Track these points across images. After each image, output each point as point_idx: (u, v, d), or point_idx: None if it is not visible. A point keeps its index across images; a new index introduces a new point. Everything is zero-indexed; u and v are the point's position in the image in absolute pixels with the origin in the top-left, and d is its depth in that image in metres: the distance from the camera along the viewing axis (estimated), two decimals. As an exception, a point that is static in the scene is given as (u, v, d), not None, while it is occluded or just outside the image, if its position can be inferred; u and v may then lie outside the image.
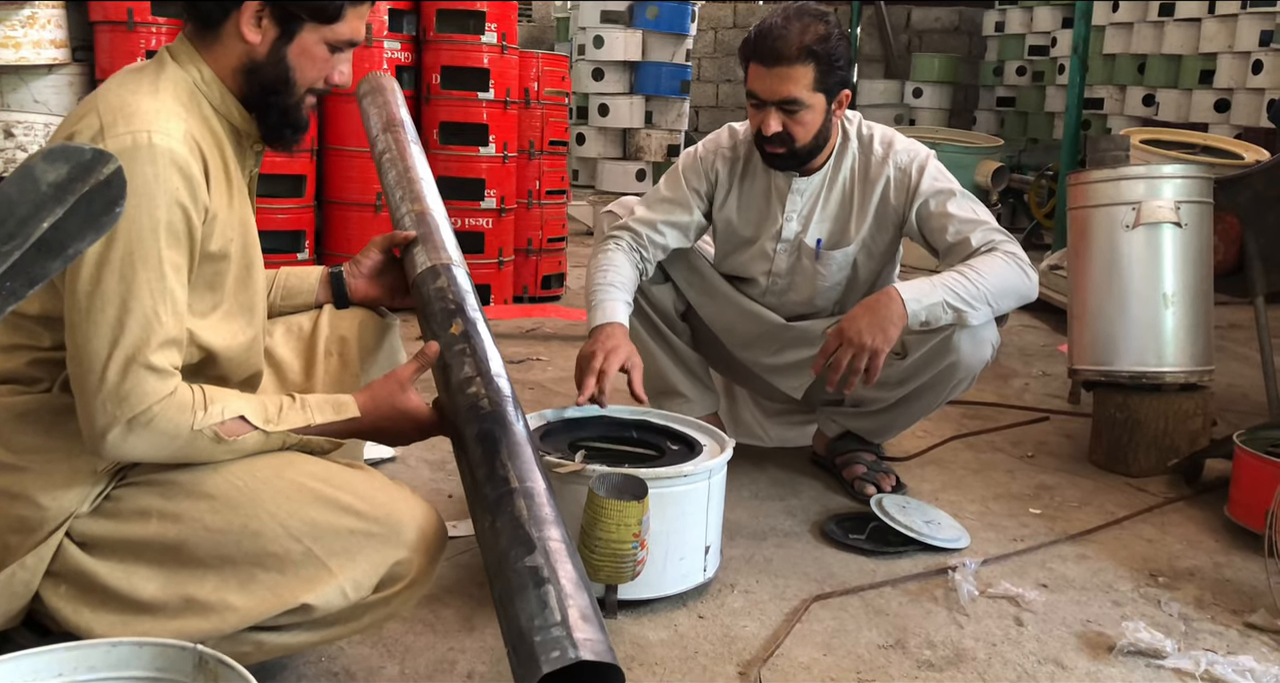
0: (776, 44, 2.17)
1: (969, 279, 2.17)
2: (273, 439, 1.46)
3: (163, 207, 1.33)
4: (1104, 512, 2.44)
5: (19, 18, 3.55)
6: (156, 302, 1.34)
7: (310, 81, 1.50)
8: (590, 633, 1.26)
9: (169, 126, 1.36)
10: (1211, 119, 6.50)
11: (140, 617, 1.40)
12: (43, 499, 1.40)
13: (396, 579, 1.44)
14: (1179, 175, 2.71)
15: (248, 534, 1.40)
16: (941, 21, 10.39)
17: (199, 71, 1.46)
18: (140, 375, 1.33)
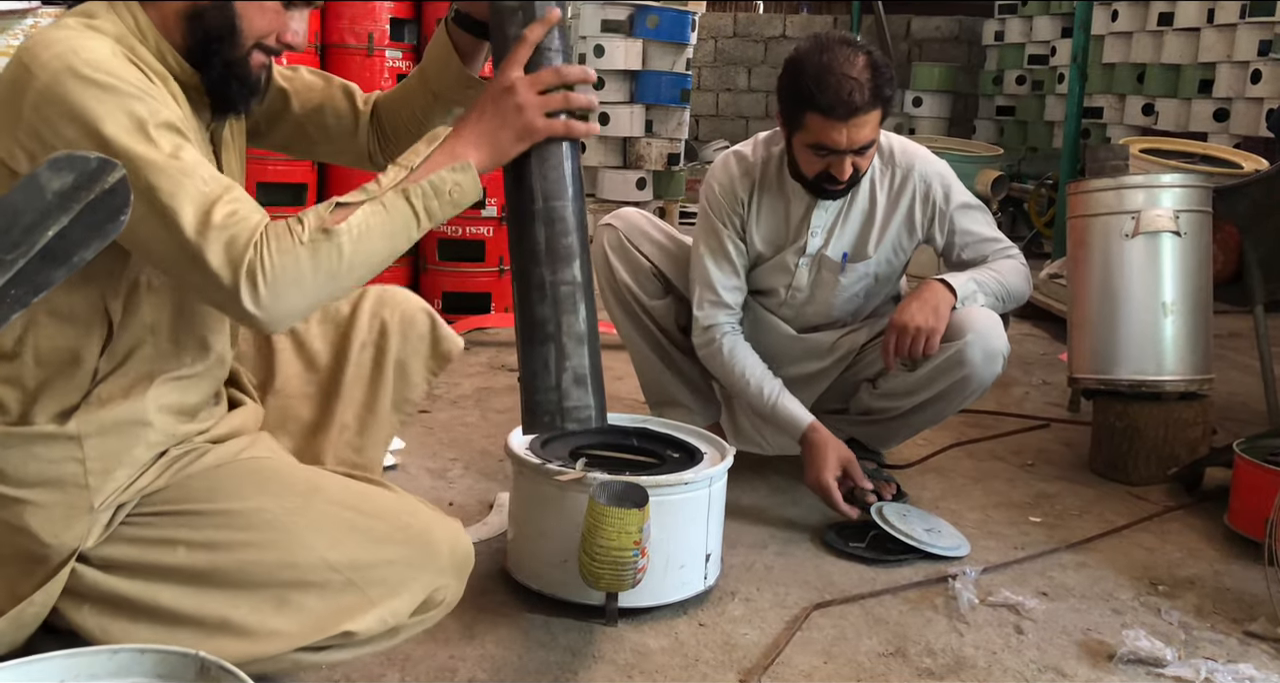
0: (852, 96, 2.10)
1: (991, 277, 2.35)
2: (389, 203, 1.32)
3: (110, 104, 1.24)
4: (1104, 520, 2.44)
5: (21, 26, 3.56)
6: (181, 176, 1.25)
7: (259, 34, 1.38)
8: (578, 399, 1.40)
9: (94, 44, 1.27)
10: (1211, 128, 6.51)
11: (176, 630, 1.38)
12: (44, 536, 1.37)
13: (434, 604, 1.47)
14: (1178, 184, 2.72)
15: (284, 565, 1.40)
16: (941, 31, 10.42)
17: (133, 19, 1.36)
18: (217, 233, 1.24)
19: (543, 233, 1.40)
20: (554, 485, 1.86)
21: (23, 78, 1.26)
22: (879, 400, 2.42)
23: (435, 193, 1.34)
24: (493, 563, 2.06)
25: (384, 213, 1.32)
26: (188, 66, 1.39)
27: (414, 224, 1.34)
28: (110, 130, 1.23)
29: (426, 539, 1.46)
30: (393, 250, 1.35)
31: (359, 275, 1.33)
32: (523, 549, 1.95)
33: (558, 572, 1.87)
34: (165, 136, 1.27)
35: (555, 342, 1.40)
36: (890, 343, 2.27)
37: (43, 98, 1.24)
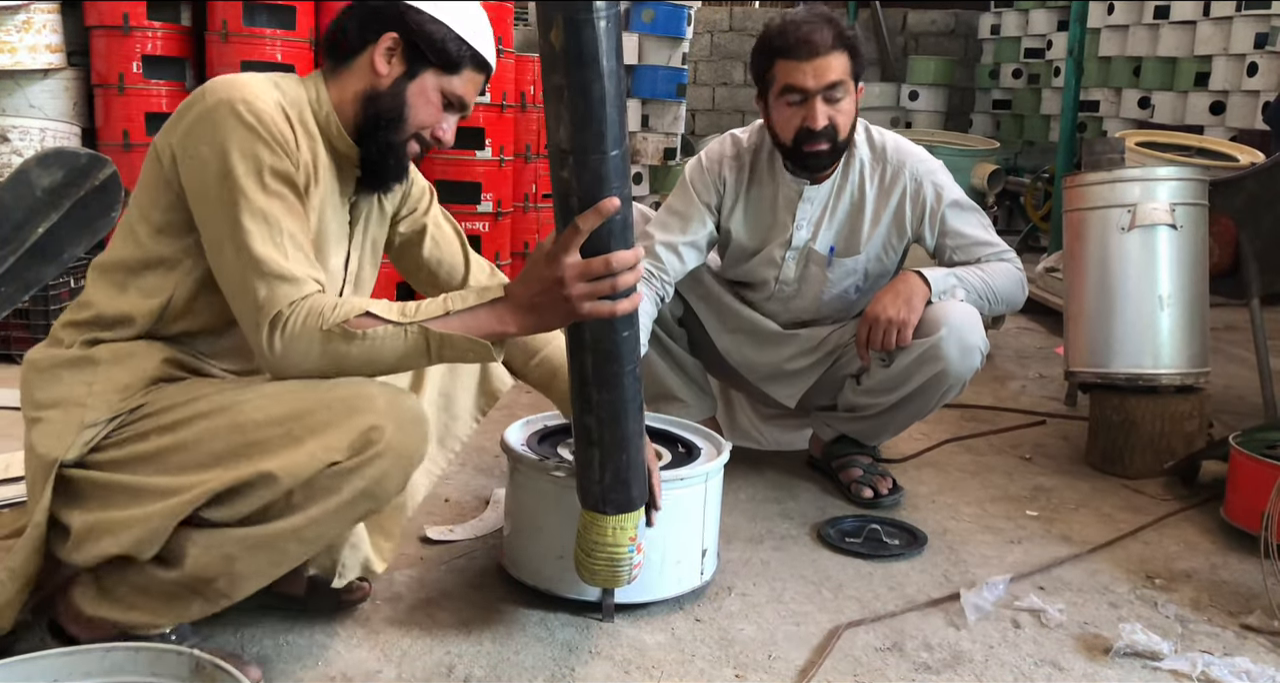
0: (812, 36, 2.19)
1: (976, 275, 2.34)
2: (410, 334, 1.46)
3: (246, 144, 1.45)
4: (1100, 514, 2.44)
5: (14, 22, 3.54)
6: (267, 225, 1.45)
7: (420, 124, 1.61)
8: (616, 492, 1.66)
9: (265, 95, 1.49)
10: (1207, 121, 6.50)
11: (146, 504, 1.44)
12: (39, 449, 1.50)
13: (370, 443, 1.42)
14: (1174, 178, 2.72)
15: (234, 428, 1.44)
16: (937, 24, 10.40)
17: (316, 93, 1.59)
18: (272, 285, 1.43)
19: (590, 360, 1.55)
20: (550, 482, 1.85)
21: (198, 98, 1.49)
22: (861, 397, 2.42)
23: (452, 347, 1.48)
24: (489, 559, 2.05)
25: (402, 341, 1.46)
26: (350, 141, 1.60)
27: (423, 361, 1.50)
28: (234, 160, 1.45)
29: (362, 391, 1.45)
30: (395, 369, 1.51)
31: (361, 372, 1.48)
32: (519, 545, 1.94)
33: (554, 568, 1.86)
34: (275, 184, 1.47)
35: (600, 447, 1.62)
36: (863, 334, 2.28)
37: (201, 117, 1.47)
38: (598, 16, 1.38)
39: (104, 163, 0.88)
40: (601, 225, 1.44)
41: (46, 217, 0.85)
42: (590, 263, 1.45)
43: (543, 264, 1.46)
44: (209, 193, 1.46)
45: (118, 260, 1.57)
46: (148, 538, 1.43)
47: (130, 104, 3.69)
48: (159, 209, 1.54)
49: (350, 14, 1.61)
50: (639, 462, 1.65)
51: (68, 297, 3.28)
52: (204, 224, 1.49)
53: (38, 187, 0.84)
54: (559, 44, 1.39)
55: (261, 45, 3.70)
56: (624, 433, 1.62)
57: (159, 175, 1.53)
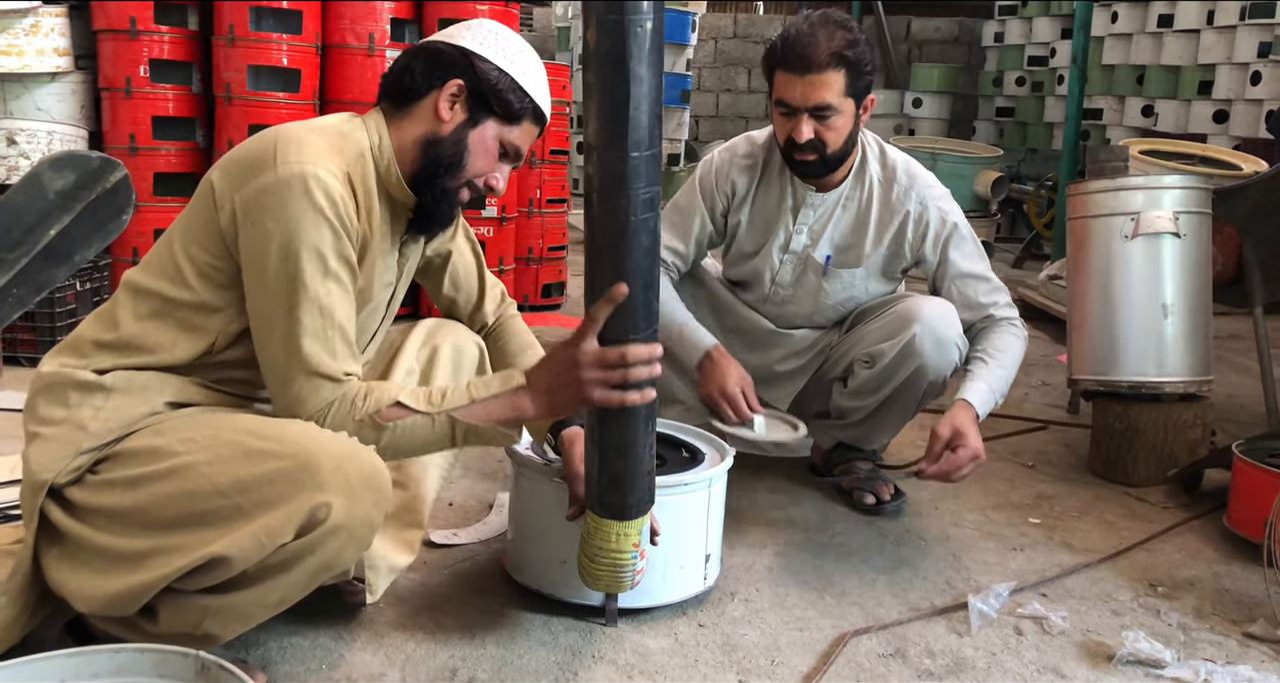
0: (807, 51, 2.17)
1: (1005, 370, 2.31)
2: (438, 423, 1.53)
3: (313, 228, 1.47)
4: (1103, 521, 2.45)
5: (22, 26, 3.56)
6: (321, 318, 1.49)
7: (476, 172, 1.64)
8: (611, 497, 1.64)
9: (331, 165, 1.50)
10: (1210, 130, 6.51)
11: (109, 570, 1.45)
12: (33, 465, 1.51)
13: (317, 523, 1.40)
14: (1177, 186, 2.73)
15: (184, 496, 1.43)
16: (941, 32, 10.42)
17: (379, 138, 1.61)
18: (315, 384, 1.49)
19: (596, 413, 1.60)
20: (554, 486, 1.86)
21: (267, 159, 1.49)
22: (849, 400, 2.43)
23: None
24: (493, 563, 2.06)
25: (429, 429, 1.53)
26: (408, 191, 1.63)
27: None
28: (298, 244, 1.47)
29: (309, 455, 1.41)
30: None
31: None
32: (522, 550, 1.95)
33: (557, 572, 1.87)
34: (336, 266, 1.51)
35: (599, 446, 1.62)
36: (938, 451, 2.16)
37: (270, 188, 1.47)
38: (632, 21, 1.41)
39: (115, 166, 0.89)
40: (621, 316, 1.51)
41: (59, 219, 0.86)
42: (605, 353, 1.52)
43: (561, 348, 1.55)
44: (268, 267, 1.48)
45: (156, 291, 1.57)
46: (116, 606, 1.44)
47: (137, 107, 3.70)
48: (207, 253, 1.54)
49: (417, 57, 1.62)
50: (640, 471, 1.65)
51: (73, 299, 3.29)
52: (255, 294, 1.51)
53: (50, 189, 0.85)
54: (593, 43, 1.44)
55: (268, 49, 3.72)
56: (626, 438, 1.62)
57: (212, 219, 1.53)
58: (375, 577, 1.74)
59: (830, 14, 2.25)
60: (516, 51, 1.64)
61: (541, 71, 1.68)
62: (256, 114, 3.72)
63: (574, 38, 8.61)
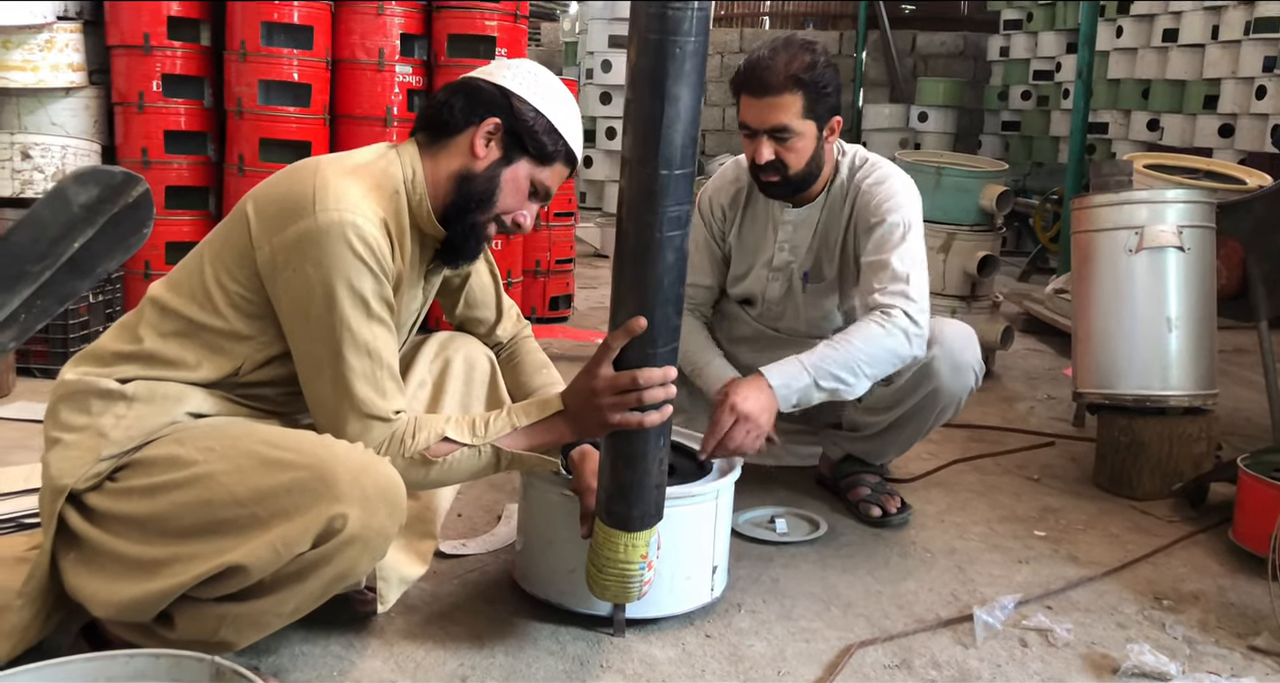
0: (764, 75, 2.20)
1: (837, 350, 2.12)
2: (484, 454, 1.60)
3: (354, 274, 1.51)
4: (1108, 535, 2.45)
5: (38, 41, 3.60)
6: (370, 360, 1.53)
7: (505, 209, 1.67)
8: (615, 505, 1.68)
9: (368, 211, 1.54)
10: (1216, 144, 6.52)
11: (124, 576, 1.47)
12: (53, 470, 1.53)
13: (333, 533, 1.42)
14: (1181, 200, 2.74)
15: (202, 504, 1.45)
16: (947, 46, 10.46)
17: (413, 173, 1.65)
18: (367, 425, 1.54)
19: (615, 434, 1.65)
20: (563, 497, 1.87)
21: (306, 205, 1.52)
22: (863, 415, 2.45)
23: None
24: (501, 573, 2.07)
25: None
26: (438, 226, 1.67)
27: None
28: (341, 290, 1.51)
29: (327, 466, 1.44)
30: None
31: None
32: (531, 560, 1.96)
33: (566, 582, 1.88)
34: (379, 309, 1.55)
35: (609, 453, 1.67)
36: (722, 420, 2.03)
37: (310, 235, 1.51)
38: (672, 41, 1.44)
39: (137, 181, 0.91)
40: (636, 342, 1.56)
41: (82, 232, 0.88)
42: (618, 377, 1.58)
43: (581, 375, 1.61)
44: (311, 312, 1.52)
45: (184, 313, 1.59)
46: (132, 612, 1.47)
47: (149, 122, 3.74)
48: (238, 284, 1.57)
49: (457, 92, 1.66)
50: (648, 484, 1.67)
51: (86, 311, 3.32)
52: (300, 336, 1.54)
53: (75, 203, 0.87)
54: (633, 60, 1.47)
55: (279, 65, 3.76)
56: (635, 450, 1.64)
57: (247, 254, 1.55)
58: (387, 588, 1.76)
59: (794, 37, 2.28)
60: (554, 94, 1.68)
61: (576, 115, 1.71)
62: (267, 128, 3.76)
63: (581, 52, 8.66)
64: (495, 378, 1.93)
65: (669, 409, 1.63)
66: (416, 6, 4.01)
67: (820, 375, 2.10)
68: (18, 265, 0.87)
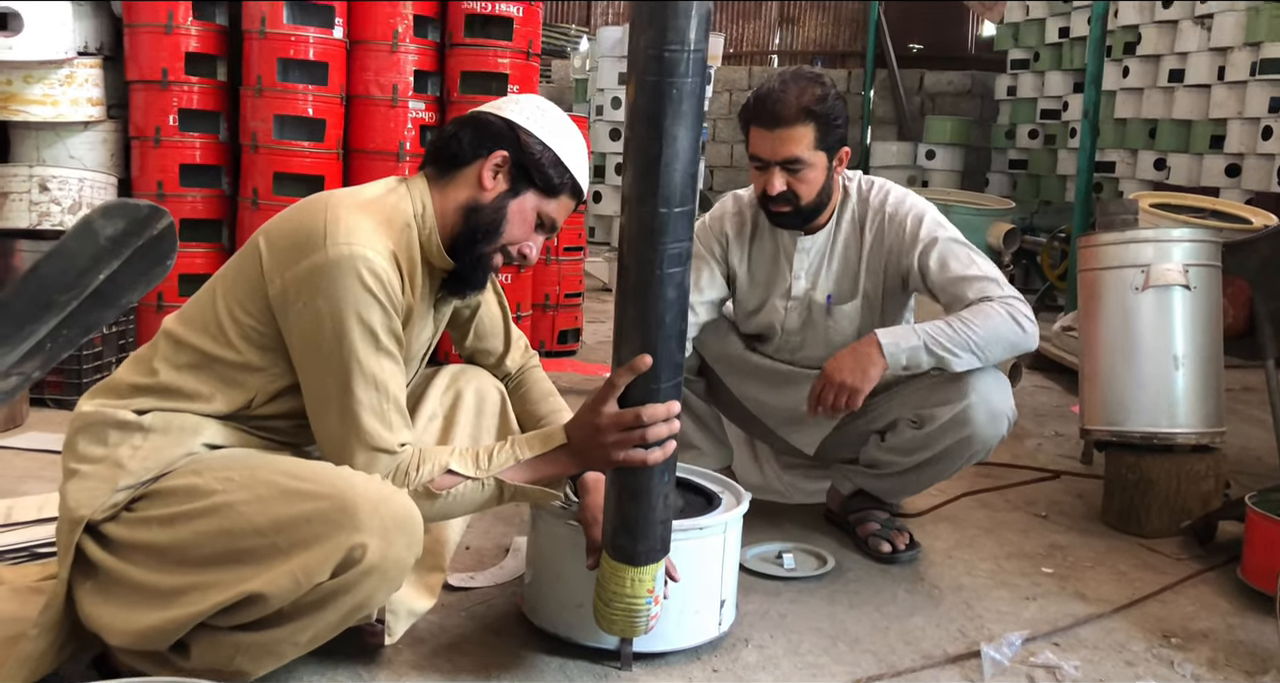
0: (776, 107, 2.24)
1: (953, 327, 2.23)
2: (487, 487, 1.62)
3: (364, 308, 1.53)
4: (1116, 572, 2.45)
5: (58, 76, 3.66)
6: (377, 393, 1.55)
7: (511, 240, 1.70)
8: (621, 540, 1.69)
9: (378, 245, 1.57)
10: (1223, 183, 6.55)
11: (141, 604, 1.48)
12: (70, 502, 1.54)
13: (353, 562, 1.44)
14: (1187, 239, 2.76)
15: (222, 534, 1.47)
16: (954, 85, 10.54)
17: (423, 207, 1.68)
18: (373, 457, 1.55)
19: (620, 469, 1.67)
20: (571, 530, 1.88)
21: (317, 239, 1.54)
22: (885, 454, 2.45)
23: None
24: (509, 606, 2.08)
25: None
26: (446, 258, 1.70)
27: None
28: (351, 324, 1.53)
29: (346, 496, 1.45)
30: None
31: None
32: (539, 593, 1.97)
33: (574, 615, 1.88)
34: (388, 342, 1.57)
35: (615, 487, 1.69)
36: (816, 388, 2.27)
37: (320, 269, 1.53)
38: (669, 83, 1.47)
39: (162, 214, 0.93)
40: (640, 378, 1.58)
41: (108, 264, 0.90)
42: (622, 414, 1.59)
43: (585, 411, 1.62)
44: (321, 345, 1.54)
45: (197, 346, 1.61)
46: (149, 641, 1.48)
47: (166, 156, 3.79)
48: (250, 317, 1.60)
49: (465, 126, 1.69)
50: (653, 518, 1.68)
51: (100, 342, 3.35)
52: (309, 369, 1.56)
53: (101, 235, 0.89)
54: (632, 100, 1.49)
55: (294, 99, 3.81)
56: (640, 485, 1.65)
57: (259, 287, 1.58)
58: (395, 621, 1.76)
59: (802, 70, 2.32)
60: (561, 128, 1.71)
61: (583, 149, 1.74)
62: (281, 162, 3.80)
63: (591, 89, 8.75)
64: (506, 410, 1.95)
65: (672, 445, 1.64)
66: (430, 44, 4.07)
67: (932, 342, 2.21)
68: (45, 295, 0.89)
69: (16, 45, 3.52)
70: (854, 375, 2.22)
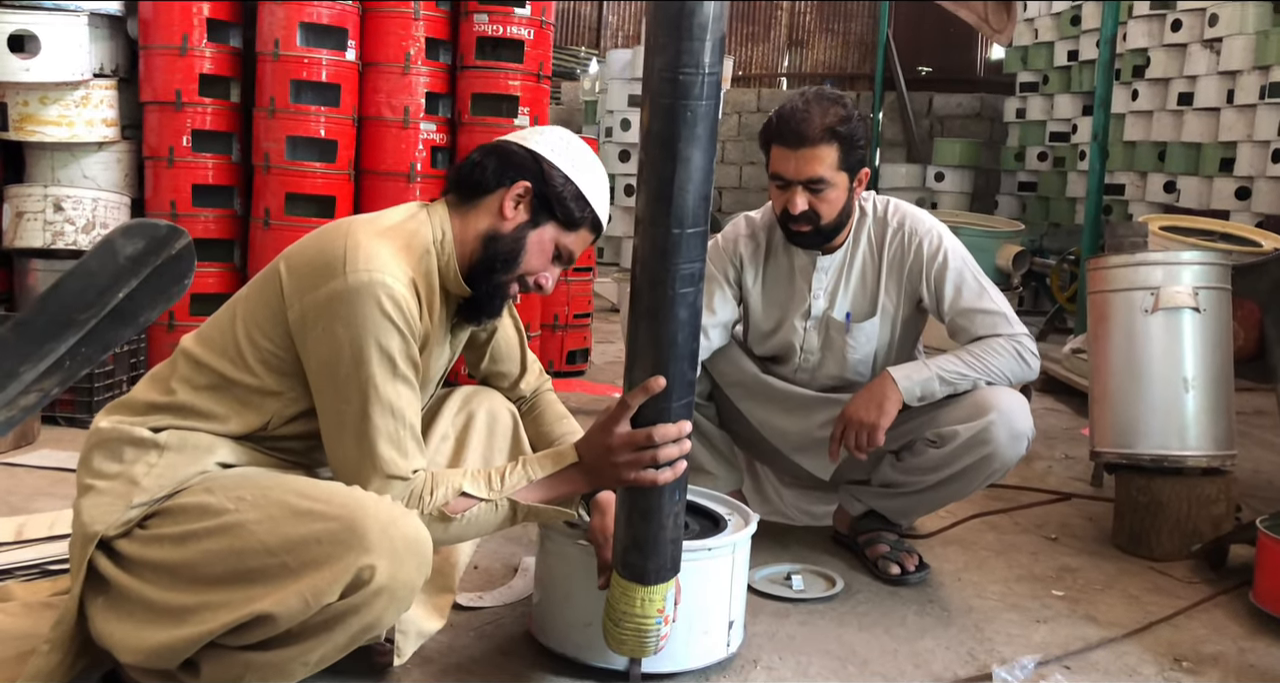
0: (801, 127, 2.25)
1: (964, 361, 2.33)
2: (501, 508, 1.62)
3: (382, 334, 1.54)
4: (1127, 595, 2.44)
5: (74, 98, 3.70)
6: (393, 419, 1.56)
7: (528, 269, 1.72)
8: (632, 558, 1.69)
9: (398, 272, 1.58)
10: (1233, 206, 6.55)
11: (152, 622, 1.49)
12: (84, 517, 1.55)
13: (361, 583, 1.44)
14: (1197, 261, 2.76)
15: (232, 553, 1.48)
16: (963, 107, 10.57)
17: (443, 234, 1.69)
18: (387, 483, 1.56)
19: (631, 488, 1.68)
20: (580, 550, 1.88)
21: (337, 266, 1.56)
22: (901, 474, 2.44)
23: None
24: (518, 626, 2.08)
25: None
26: (464, 285, 1.71)
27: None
28: (369, 350, 1.54)
29: (356, 517, 1.46)
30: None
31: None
32: (547, 613, 1.97)
33: (582, 635, 1.88)
34: (405, 368, 1.58)
35: (624, 506, 1.69)
36: (837, 431, 2.34)
37: (340, 295, 1.55)
38: (683, 105, 1.49)
39: (181, 234, 0.95)
40: (653, 398, 1.59)
41: (127, 283, 0.91)
42: (634, 434, 1.60)
43: (597, 431, 1.63)
44: (339, 370, 1.55)
45: (215, 368, 1.63)
46: (159, 658, 1.49)
47: (178, 176, 3.82)
48: (269, 341, 1.61)
49: (490, 154, 1.71)
50: (663, 537, 1.68)
51: (112, 360, 3.37)
52: (326, 394, 1.58)
53: (121, 255, 0.91)
54: (646, 122, 1.51)
55: (306, 121, 3.84)
56: (650, 503, 1.65)
57: (279, 312, 1.60)
58: (404, 641, 1.77)
59: (824, 91, 2.34)
60: (584, 162, 1.73)
61: (605, 184, 1.76)
62: (293, 183, 3.83)
63: (600, 111, 8.79)
64: (518, 432, 1.96)
65: (683, 465, 1.64)
66: (441, 66, 4.11)
67: (945, 374, 2.31)
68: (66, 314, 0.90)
69: (34, 67, 3.57)
70: (872, 413, 2.28)
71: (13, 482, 2.78)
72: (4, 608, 1.81)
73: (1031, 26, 9.20)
